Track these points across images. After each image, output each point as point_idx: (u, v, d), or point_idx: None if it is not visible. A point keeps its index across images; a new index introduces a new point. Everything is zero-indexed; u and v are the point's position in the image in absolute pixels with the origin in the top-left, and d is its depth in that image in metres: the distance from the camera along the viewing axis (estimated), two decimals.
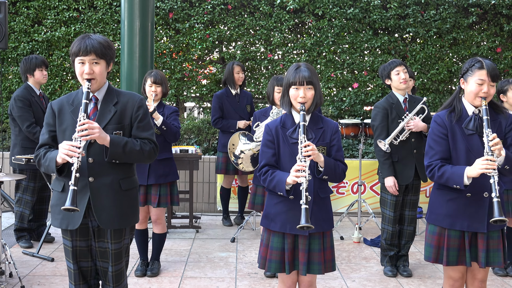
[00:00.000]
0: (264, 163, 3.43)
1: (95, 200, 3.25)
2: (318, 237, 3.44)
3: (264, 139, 3.48)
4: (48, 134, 3.32)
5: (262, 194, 5.27)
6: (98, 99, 3.34)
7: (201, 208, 8.14)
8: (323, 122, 3.49)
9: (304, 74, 3.36)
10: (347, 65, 9.21)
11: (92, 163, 3.25)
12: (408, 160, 5.29)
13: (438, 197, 3.61)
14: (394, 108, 5.30)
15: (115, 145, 3.19)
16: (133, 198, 3.40)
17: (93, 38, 3.24)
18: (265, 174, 3.39)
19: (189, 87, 9.37)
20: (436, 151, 3.53)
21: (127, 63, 6.87)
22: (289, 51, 9.25)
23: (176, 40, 9.21)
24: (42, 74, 6.18)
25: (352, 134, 6.72)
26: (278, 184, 3.31)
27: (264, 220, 3.50)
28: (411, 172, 5.28)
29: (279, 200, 3.43)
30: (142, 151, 3.29)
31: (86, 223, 3.32)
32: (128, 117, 3.34)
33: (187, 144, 8.75)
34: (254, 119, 5.40)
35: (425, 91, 9.30)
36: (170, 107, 5.42)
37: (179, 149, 6.69)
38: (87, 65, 3.22)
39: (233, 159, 5.22)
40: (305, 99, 3.35)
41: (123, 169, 3.34)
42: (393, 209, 5.34)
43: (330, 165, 3.36)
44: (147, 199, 5.19)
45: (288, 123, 3.46)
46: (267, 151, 3.44)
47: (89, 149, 3.25)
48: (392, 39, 9.21)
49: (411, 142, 5.28)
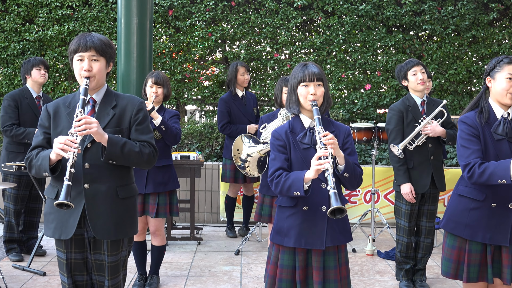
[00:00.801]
0: (277, 166, 3.35)
1: (90, 208, 3.25)
2: (333, 253, 3.39)
3: (274, 145, 3.43)
4: (42, 136, 3.35)
5: (269, 204, 5.25)
6: (96, 102, 3.37)
7: (203, 218, 8.15)
8: (334, 126, 3.46)
9: (313, 70, 3.35)
10: (359, 65, 9.22)
11: (89, 168, 3.26)
12: (424, 167, 5.28)
13: (459, 205, 3.57)
14: (410, 111, 5.30)
15: (113, 144, 3.20)
16: (131, 207, 3.40)
17: (94, 35, 3.32)
18: (278, 177, 3.31)
19: (190, 89, 9.40)
20: (472, 150, 3.46)
21: (124, 64, 6.90)
22: (297, 50, 9.27)
23: (176, 39, 9.25)
24: (40, 73, 6.23)
25: (365, 139, 6.72)
26: (295, 182, 3.22)
27: (277, 237, 3.44)
28: (427, 180, 5.27)
29: (291, 213, 3.38)
30: (141, 153, 3.30)
31: (81, 234, 3.32)
32: (127, 121, 3.36)
33: (188, 150, 8.76)
34: (261, 123, 5.41)
35: (442, 93, 9.30)
36: (171, 111, 5.43)
37: (180, 155, 6.70)
38: (86, 62, 3.27)
39: (240, 164, 5.22)
40: (315, 96, 3.33)
41: (121, 176, 3.35)
42: (408, 219, 5.33)
43: (349, 163, 3.29)
44: (145, 209, 5.19)
45: (297, 128, 3.43)
46: (280, 155, 3.38)
47: (86, 154, 3.27)
48: (407, 37, 9.22)
49: (428, 148, 5.27)
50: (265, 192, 5.24)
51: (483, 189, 3.52)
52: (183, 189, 7.96)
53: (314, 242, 3.33)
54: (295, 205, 3.37)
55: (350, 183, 3.34)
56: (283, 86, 5.23)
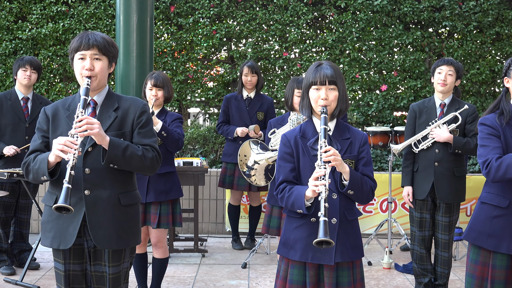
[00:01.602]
0: (281, 179, 3.36)
1: (91, 216, 3.29)
2: (347, 268, 3.38)
3: (281, 152, 3.43)
4: (40, 139, 3.39)
5: (278, 216, 5.24)
6: (97, 104, 3.42)
7: (207, 229, 8.17)
8: (350, 132, 3.45)
9: (326, 72, 3.34)
10: (374, 65, 9.23)
11: (89, 174, 3.30)
12: (426, 173, 5.35)
13: (482, 213, 3.56)
14: (424, 112, 5.37)
15: (114, 147, 3.24)
16: (134, 215, 3.44)
17: (96, 33, 3.38)
18: (282, 191, 3.32)
19: (194, 90, 9.43)
20: (492, 147, 3.47)
21: (123, 64, 6.94)
22: (308, 48, 9.29)
23: (179, 37, 9.29)
24: (24, 74, 6.24)
25: (381, 143, 6.74)
26: (297, 199, 3.23)
27: (282, 248, 3.44)
28: (427, 187, 5.33)
29: (299, 224, 3.38)
30: (144, 157, 3.34)
31: (81, 243, 3.35)
32: (129, 124, 3.41)
33: (192, 155, 8.79)
34: (269, 128, 5.43)
35: (464, 94, 9.29)
36: (173, 114, 5.45)
37: (182, 162, 6.73)
38: (88, 60, 3.33)
39: (245, 170, 5.22)
40: (327, 101, 3.33)
41: (123, 182, 3.39)
42: (419, 227, 5.39)
43: (356, 179, 3.28)
44: (146, 219, 5.21)
45: (309, 132, 3.42)
46: (285, 166, 3.38)
47: (86, 158, 3.31)
48: (426, 35, 9.23)
49: (434, 153, 5.32)
50: (274, 202, 5.23)
51: (507, 195, 3.50)
52: (186, 197, 7.98)
53: (323, 256, 3.32)
54: (302, 216, 3.37)
55: (357, 198, 3.35)
56: (295, 87, 5.22)
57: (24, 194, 6.39)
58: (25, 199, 6.42)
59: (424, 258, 5.44)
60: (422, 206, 5.38)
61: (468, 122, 5.31)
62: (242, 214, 7.80)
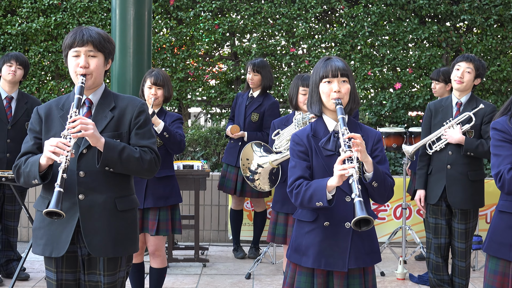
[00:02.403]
0: (297, 175, 3.37)
1: (85, 222, 3.31)
2: (359, 275, 3.39)
3: (295, 150, 3.44)
4: (33, 141, 3.42)
5: (284, 223, 5.23)
6: (93, 103, 3.45)
7: (209, 237, 8.18)
8: (363, 130, 3.47)
9: (337, 64, 3.38)
10: (387, 61, 9.24)
11: (84, 177, 3.32)
12: (439, 176, 5.38)
13: (501, 222, 3.54)
14: (440, 111, 5.39)
15: (110, 149, 3.26)
16: (131, 221, 3.46)
17: (91, 29, 3.40)
18: (298, 186, 3.32)
19: (194, 89, 9.45)
20: (504, 156, 3.45)
21: (119, 60, 6.96)
22: (316, 44, 9.31)
23: (179, 32, 9.31)
24: (9, 70, 6.22)
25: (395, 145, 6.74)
26: (317, 192, 3.22)
27: (294, 255, 3.46)
28: (438, 191, 5.36)
29: (311, 228, 3.40)
30: (141, 159, 3.36)
31: (74, 251, 3.37)
32: (127, 124, 3.43)
33: (192, 158, 8.80)
34: (272, 128, 5.43)
35: (484, 92, 9.30)
36: (173, 114, 5.47)
37: (182, 165, 6.74)
38: (83, 57, 3.35)
39: (249, 175, 5.23)
40: (340, 94, 3.35)
41: (120, 185, 3.41)
42: (434, 234, 5.40)
43: (379, 171, 3.29)
44: (144, 226, 5.21)
45: (320, 131, 3.44)
46: (301, 163, 3.40)
47: (80, 161, 3.33)
48: (443, 29, 9.23)
49: (447, 155, 5.33)
50: (279, 209, 5.23)
51: None
52: (186, 203, 7.99)
53: (336, 262, 3.34)
54: (315, 219, 3.39)
55: (380, 194, 3.33)
56: (300, 85, 5.22)
57: (10, 199, 6.37)
58: (11, 205, 6.40)
59: (441, 268, 5.43)
60: (436, 211, 5.39)
61: (484, 122, 5.28)
62: (246, 221, 7.81)
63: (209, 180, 7.99)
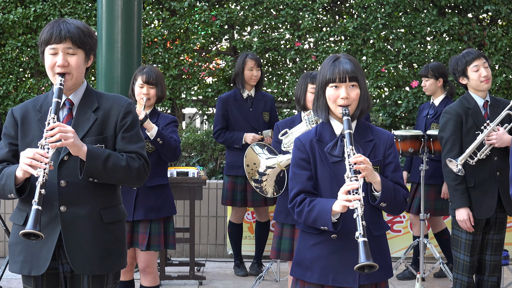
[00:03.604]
0: (298, 189, 3.39)
1: (68, 236, 3.29)
2: None
3: (296, 158, 3.46)
4: (7, 147, 3.40)
5: (290, 236, 5.21)
6: (74, 104, 3.44)
7: (205, 251, 8.17)
8: (374, 133, 3.48)
9: (346, 67, 3.37)
10: (403, 57, 9.23)
11: (65, 187, 3.31)
12: (489, 186, 5.28)
13: None
14: (470, 115, 5.31)
15: (93, 158, 3.24)
16: (118, 235, 3.45)
17: (70, 22, 3.37)
18: (300, 204, 3.34)
19: (189, 87, 9.44)
20: None
21: (106, 56, 6.95)
22: (324, 38, 9.30)
23: (172, 24, 9.31)
24: None
25: (411, 150, 6.71)
26: (321, 215, 3.26)
27: (297, 269, 3.47)
28: (493, 202, 5.26)
29: (317, 241, 3.41)
30: (129, 167, 3.35)
31: (56, 268, 3.36)
32: (112, 127, 3.42)
33: (187, 164, 8.79)
34: (276, 131, 5.42)
35: (510, 91, 9.29)
36: (166, 116, 5.47)
37: (176, 172, 6.73)
38: (61, 55, 3.33)
39: (258, 177, 5.20)
40: (348, 100, 3.36)
41: (106, 195, 3.40)
42: (469, 252, 5.33)
43: (388, 188, 3.31)
44: (133, 240, 5.22)
45: (326, 136, 3.45)
46: (301, 174, 3.41)
47: (61, 169, 3.32)
48: (464, 21, 9.23)
49: (493, 162, 5.27)
50: (283, 220, 5.21)
51: None
52: (180, 214, 7.99)
53: (345, 278, 3.35)
54: (321, 232, 3.39)
55: (390, 210, 3.40)
56: (309, 83, 5.21)
57: None
58: None
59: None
60: (477, 226, 5.30)
61: None
62: (246, 233, 7.79)
63: (205, 189, 7.98)
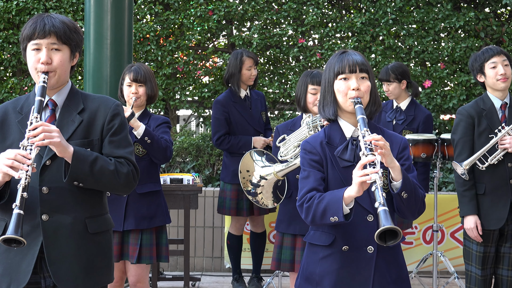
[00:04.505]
0: (309, 187, 3.36)
1: (50, 248, 3.28)
2: None
3: (306, 159, 3.45)
4: None
5: (291, 245, 5.22)
6: (57, 105, 3.43)
7: (201, 265, 8.16)
8: (386, 136, 3.43)
9: (355, 58, 3.39)
10: (415, 54, 9.23)
11: (48, 194, 3.30)
12: (501, 194, 5.28)
13: None
14: (484, 117, 5.31)
15: (80, 160, 3.24)
16: (105, 246, 3.44)
17: (55, 16, 3.37)
18: (310, 199, 3.31)
19: (184, 87, 9.45)
20: None
21: (94, 53, 6.94)
22: (330, 34, 9.30)
23: (165, 19, 9.31)
24: None
25: (424, 155, 6.71)
26: (331, 204, 3.22)
27: (305, 285, 3.47)
28: (504, 212, 5.26)
29: (326, 254, 3.40)
30: (117, 173, 3.34)
31: (37, 282, 3.34)
32: (99, 130, 3.41)
33: (181, 170, 8.79)
34: (276, 135, 5.42)
35: None
36: (158, 117, 5.46)
37: (170, 178, 6.72)
38: (44, 51, 3.33)
39: (250, 189, 5.21)
40: (359, 92, 3.35)
41: (91, 203, 3.39)
42: (481, 265, 5.33)
43: (408, 179, 3.28)
44: (123, 252, 5.21)
45: (336, 138, 3.45)
46: (315, 173, 3.40)
47: (43, 174, 3.31)
48: (481, 16, 9.23)
49: (507, 168, 5.26)
50: (284, 229, 5.22)
51: None
52: (174, 224, 7.98)
53: None
54: (331, 243, 3.39)
55: (409, 208, 3.32)
56: (308, 83, 5.24)
57: None
58: None
59: None
60: (488, 237, 5.31)
61: None
62: (246, 245, 7.78)
63: (201, 197, 7.97)
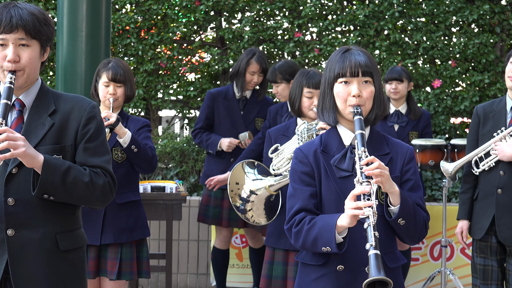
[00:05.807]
0: (298, 207, 3.37)
1: (16, 267, 3.28)
2: None
3: (296, 171, 3.45)
4: None
5: (283, 261, 5.24)
6: (25, 105, 3.41)
7: (184, 282, 8.16)
8: (390, 146, 3.49)
9: (359, 59, 3.38)
10: (423, 51, 9.25)
11: (14, 206, 3.29)
12: (486, 203, 5.35)
13: None
14: (491, 118, 5.35)
15: (50, 170, 3.22)
16: (77, 264, 3.44)
17: (22, 6, 3.33)
18: (299, 224, 3.33)
19: (167, 85, 9.44)
20: None
21: (68, 47, 6.93)
22: (329, 27, 9.31)
23: (147, 10, 9.31)
24: None
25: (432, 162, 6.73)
26: (323, 233, 3.23)
27: None
28: (485, 223, 5.33)
29: (320, 274, 3.41)
30: (92, 184, 3.33)
31: None
32: (72, 135, 3.40)
33: (163, 178, 8.78)
34: (268, 140, 5.41)
35: None
36: (138, 120, 5.47)
37: (151, 186, 6.70)
38: (11, 48, 3.31)
39: (239, 204, 5.22)
40: (360, 99, 3.35)
41: (62, 217, 3.39)
42: (482, 279, 5.37)
43: (407, 204, 3.29)
44: (101, 268, 5.23)
45: (333, 146, 3.45)
46: (303, 189, 3.40)
47: (9, 184, 3.30)
48: (497, 9, 9.25)
49: (498, 176, 5.29)
50: (274, 243, 5.24)
51: None
52: (155, 237, 7.97)
53: None
54: (325, 263, 3.40)
55: (408, 234, 3.36)
56: (304, 85, 5.23)
57: None
58: None
59: None
60: (485, 249, 5.35)
61: None
62: (234, 261, 7.77)
63: (185, 207, 7.96)
